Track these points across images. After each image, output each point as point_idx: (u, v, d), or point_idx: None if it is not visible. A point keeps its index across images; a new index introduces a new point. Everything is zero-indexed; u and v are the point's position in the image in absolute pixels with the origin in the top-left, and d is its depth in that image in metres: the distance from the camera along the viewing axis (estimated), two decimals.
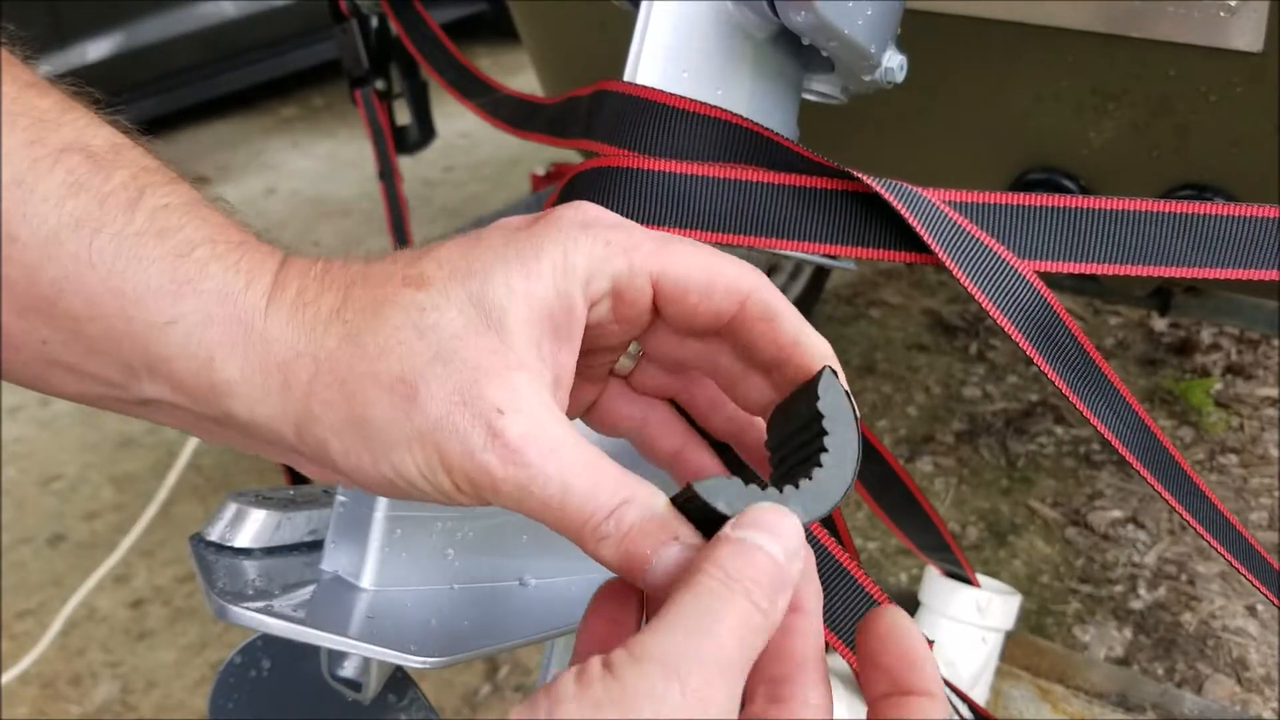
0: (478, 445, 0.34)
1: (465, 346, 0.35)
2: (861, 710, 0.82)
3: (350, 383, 0.36)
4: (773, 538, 0.33)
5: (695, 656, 0.30)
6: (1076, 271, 0.51)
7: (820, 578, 0.50)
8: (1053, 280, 1.15)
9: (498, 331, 0.36)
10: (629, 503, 0.35)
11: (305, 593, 0.42)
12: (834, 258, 0.54)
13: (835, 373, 0.37)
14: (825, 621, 0.51)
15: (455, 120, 3.15)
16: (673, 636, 0.31)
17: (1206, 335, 2.06)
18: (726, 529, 0.34)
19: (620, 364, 0.43)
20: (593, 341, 0.39)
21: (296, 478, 1.56)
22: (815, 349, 0.40)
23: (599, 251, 0.37)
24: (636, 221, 0.47)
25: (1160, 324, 2.11)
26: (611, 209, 0.48)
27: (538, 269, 0.36)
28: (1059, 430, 1.85)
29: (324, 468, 0.38)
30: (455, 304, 0.36)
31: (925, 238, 0.49)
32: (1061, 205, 0.51)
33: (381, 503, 0.44)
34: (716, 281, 0.38)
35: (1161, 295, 1.36)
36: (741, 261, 0.39)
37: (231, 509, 0.45)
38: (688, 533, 0.35)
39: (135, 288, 0.35)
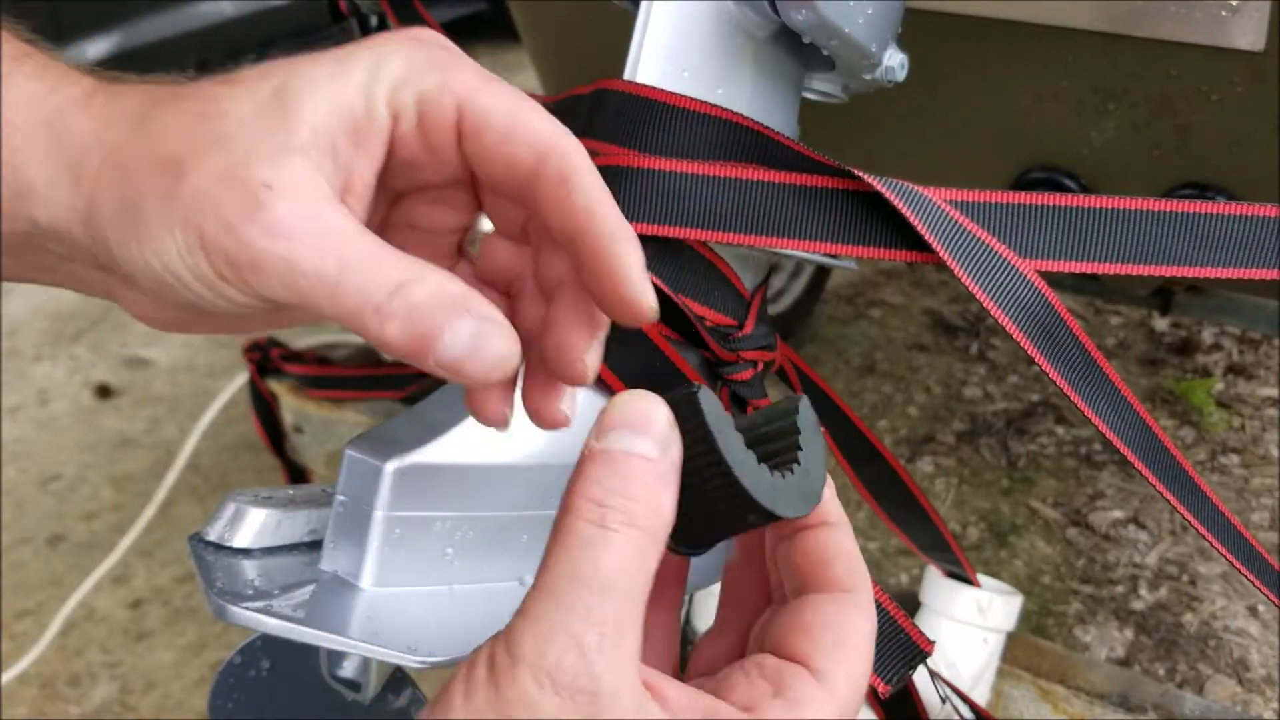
0: (238, 218, 0.32)
1: (247, 130, 0.33)
2: (864, 710, 0.82)
3: (127, 165, 0.34)
4: (640, 433, 0.32)
5: (569, 648, 0.29)
6: (1078, 271, 0.51)
7: None
8: (1054, 279, 1.15)
9: (285, 118, 0.34)
10: (418, 280, 0.32)
11: (304, 593, 0.42)
12: (835, 257, 0.54)
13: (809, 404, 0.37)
14: None
15: None
16: (542, 622, 0.30)
17: (1208, 335, 2.06)
18: (590, 439, 0.32)
19: (470, 249, 0.41)
20: (404, 175, 0.37)
21: (296, 477, 1.56)
22: (610, 225, 0.35)
23: (415, 63, 0.35)
24: (637, 221, 0.47)
25: (1161, 324, 2.11)
26: None
27: (347, 69, 0.35)
28: (1060, 430, 1.85)
29: (108, 271, 0.36)
30: (255, 97, 0.34)
31: (926, 237, 0.49)
32: (1062, 204, 0.51)
33: (381, 502, 0.43)
34: (518, 128, 0.35)
35: (1163, 295, 1.36)
36: (558, 123, 0.36)
37: (230, 509, 0.45)
38: (483, 307, 0.33)
39: None
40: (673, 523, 0.32)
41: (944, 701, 0.66)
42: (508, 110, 0.35)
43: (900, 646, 0.52)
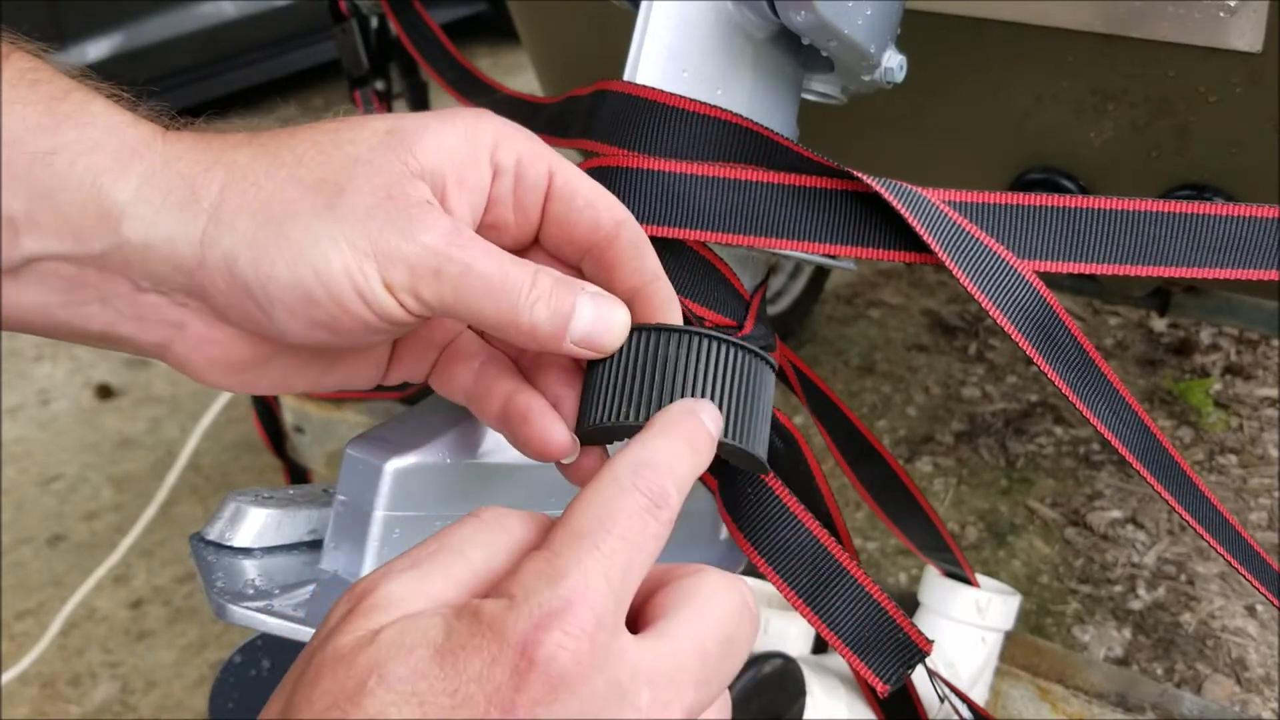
0: (418, 228, 0.35)
1: (379, 159, 0.36)
2: (863, 710, 0.82)
3: (268, 188, 0.35)
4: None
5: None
6: (1076, 271, 0.51)
7: (820, 578, 0.50)
8: (1052, 280, 1.15)
9: (404, 153, 0.37)
10: (541, 270, 0.37)
11: (305, 592, 0.42)
12: (834, 257, 0.54)
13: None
14: (825, 622, 0.52)
15: None
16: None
17: (1206, 335, 2.06)
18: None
19: None
20: (487, 231, 0.40)
21: (297, 478, 1.56)
22: (666, 291, 0.41)
23: (506, 130, 0.39)
24: (636, 220, 0.47)
25: (1159, 324, 2.11)
26: None
27: (450, 125, 0.38)
28: (1058, 430, 1.85)
29: (219, 293, 0.37)
30: (373, 134, 0.37)
31: (925, 238, 0.49)
32: (1061, 205, 0.51)
33: (381, 502, 0.44)
34: (604, 198, 0.40)
35: (1161, 295, 1.36)
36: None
37: (231, 508, 0.45)
38: (592, 285, 0.38)
39: (10, 131, 0.34)
40: None
41: (943, 701, 0.66)
42: (591, 182, 0.40)
43: (899, 646, 0.52)
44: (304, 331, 0.36)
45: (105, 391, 2.28)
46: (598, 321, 0.38)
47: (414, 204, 0.36)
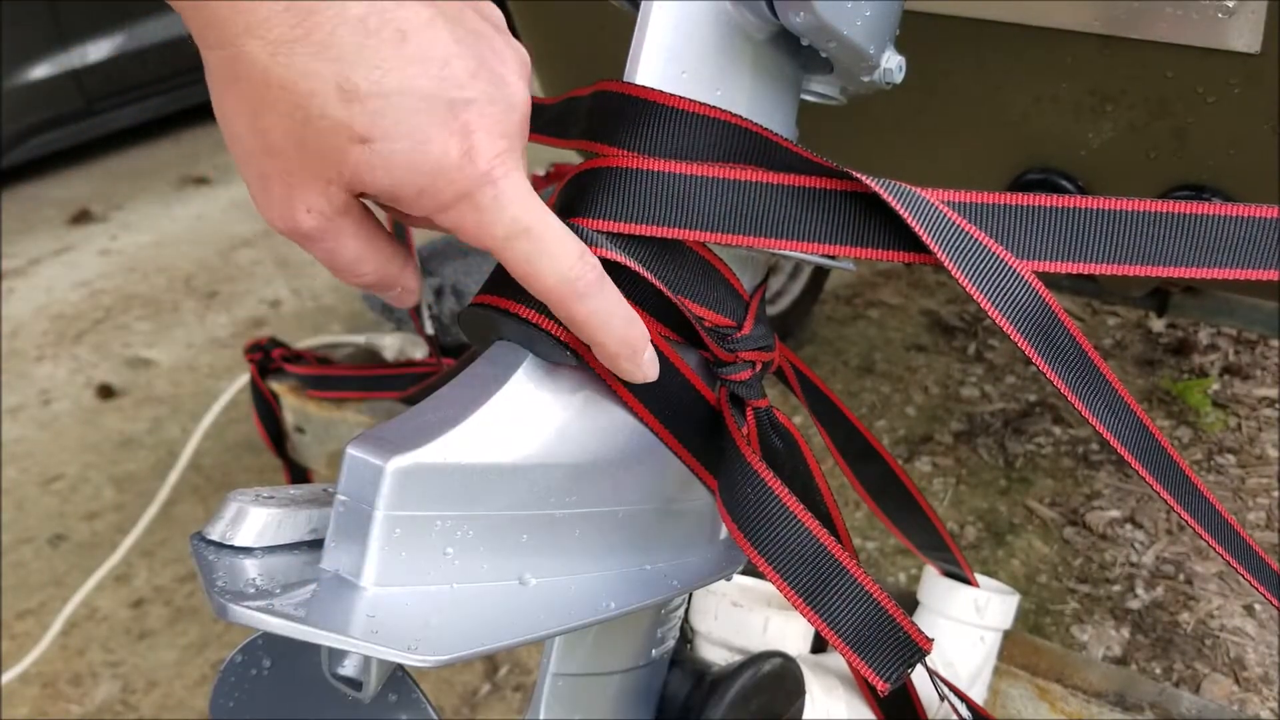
0: None
1: None
2: (862, 709, 0.82)
3: None
4: None
5: None
6: (1075, 271, 0.51)
7: (819, 577, 0.51)
8: (1051, 280, 1.15)
9: None
10: None
11: (306, 591, 0.42)
12: (833, 258, 0.54)
13: None
14: (825, 621, 0.52)
15: None
16: None
17: (1204, 336, 2.06)
18: None
19: None
20: None
21: (298, 477, 1.56)
22: None
23: None
24: (636, 221, 0.47)
25: (1158, 324, 2.11)
26: (611, 209, 0.48)
27: None
28: (1057, 430, 1.86)
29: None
30: None
31: (924, 238, 0.49)
32: (1060, 205, 0.51)
33: (382, 502, 0.44)
34: None
35: (1159, 295, 1.36)
36: None
37: (232, 508, 0.45)
38: (410, 281, 0.47)
39: None
40: None
41: (942, 700, 0.66)
42: None
43: (899, 645, 0.52)
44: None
45: (106, 391, 2.28)
46: None
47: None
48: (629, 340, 0.46)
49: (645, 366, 0.48)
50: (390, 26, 0.38)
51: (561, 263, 0.43)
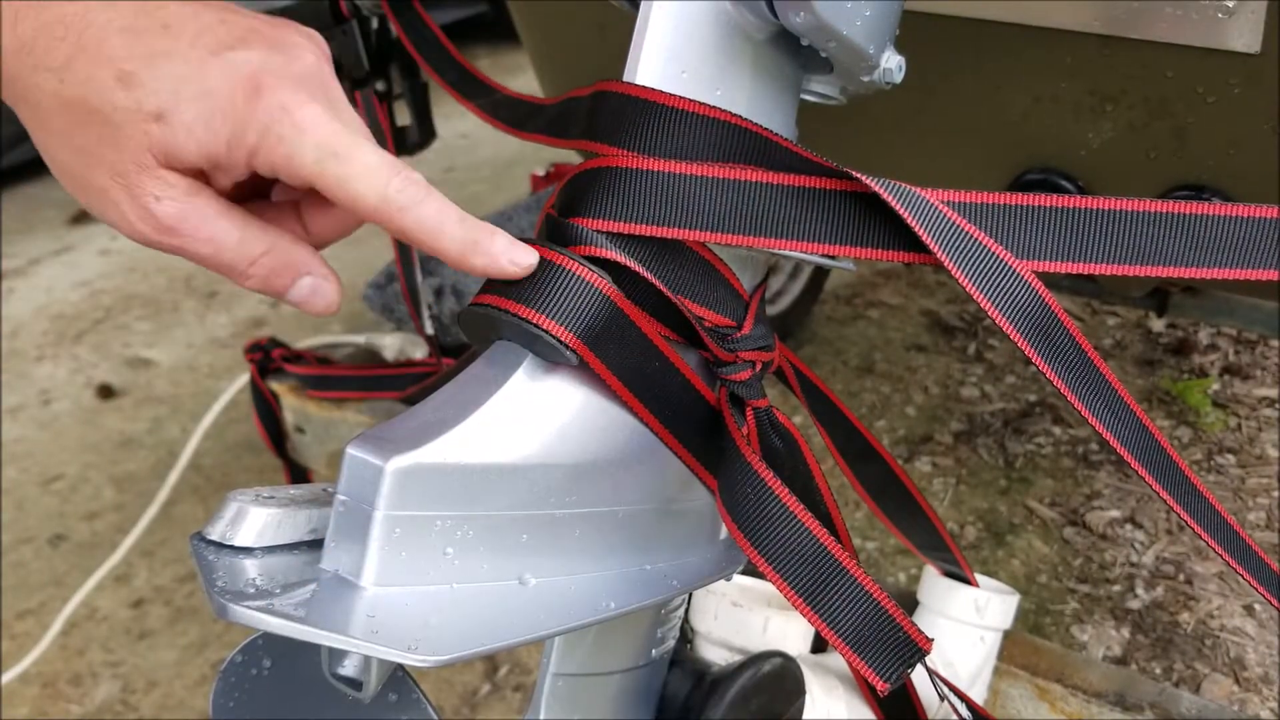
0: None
1: None
2: (862, 709, 0.82)
3: None
4: None
5: None
6: (1075, 272, 0.51)
7: (819, 577, 0.51)
8: (1051, 280, 1.15)
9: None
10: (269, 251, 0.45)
11: (306, 591, 0.42)
12: (833, 258, 0.54)
13: None
14: (825, 621, 0.52)
15: (455, 121, 3.15)
16: None
17: (1204, 336, 2.06)
18: None
19: None
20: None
21: (297, 477, 1.56)
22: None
23: None
24: (634, 221, 0.48)
25: (1158, 324, 2.11)
26: (611, 209, 0.48)
27: None
28: (1057, 430, 1.86)
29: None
30: None
31: (924, 238, 0.49)
32: (1059, 205, 0.51)
33: (382, 502, 0.44)
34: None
35: (1159, 296, 1.36)
36: None
37: (232, 508, 0.45)
38: (319, 267, 0.47)
39: None
40: None
41: (942, 700, 0.66)
42: None
43: (899, 645, 0.52)
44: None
45: (106, 391, 2.28)
46: (311, 293, 0.48)
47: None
48: (469, 239, 0.46)
49: (500, 256, 0.46)
50: (156, 22, 0.42)
51: (378, 179, 0.43)
